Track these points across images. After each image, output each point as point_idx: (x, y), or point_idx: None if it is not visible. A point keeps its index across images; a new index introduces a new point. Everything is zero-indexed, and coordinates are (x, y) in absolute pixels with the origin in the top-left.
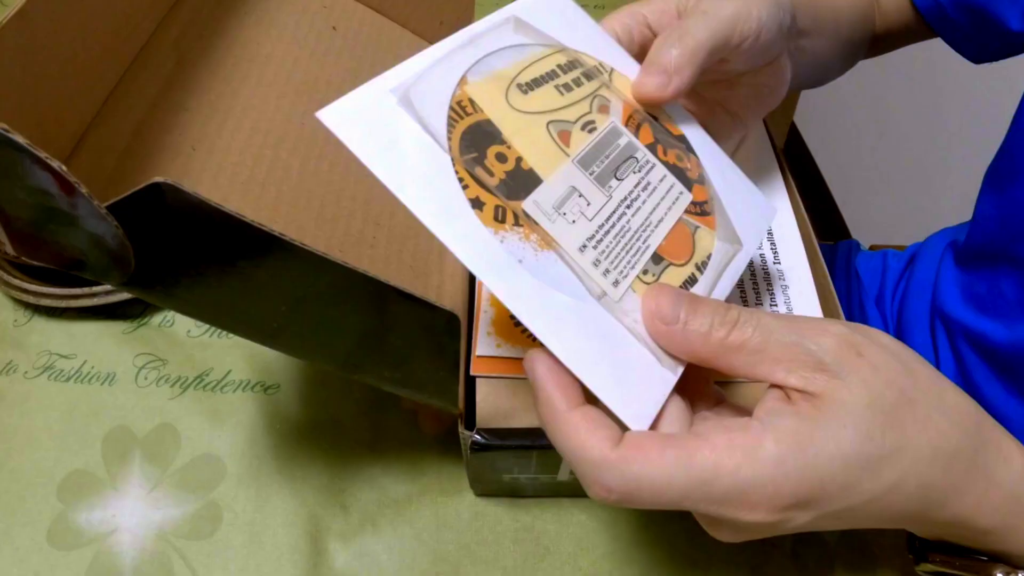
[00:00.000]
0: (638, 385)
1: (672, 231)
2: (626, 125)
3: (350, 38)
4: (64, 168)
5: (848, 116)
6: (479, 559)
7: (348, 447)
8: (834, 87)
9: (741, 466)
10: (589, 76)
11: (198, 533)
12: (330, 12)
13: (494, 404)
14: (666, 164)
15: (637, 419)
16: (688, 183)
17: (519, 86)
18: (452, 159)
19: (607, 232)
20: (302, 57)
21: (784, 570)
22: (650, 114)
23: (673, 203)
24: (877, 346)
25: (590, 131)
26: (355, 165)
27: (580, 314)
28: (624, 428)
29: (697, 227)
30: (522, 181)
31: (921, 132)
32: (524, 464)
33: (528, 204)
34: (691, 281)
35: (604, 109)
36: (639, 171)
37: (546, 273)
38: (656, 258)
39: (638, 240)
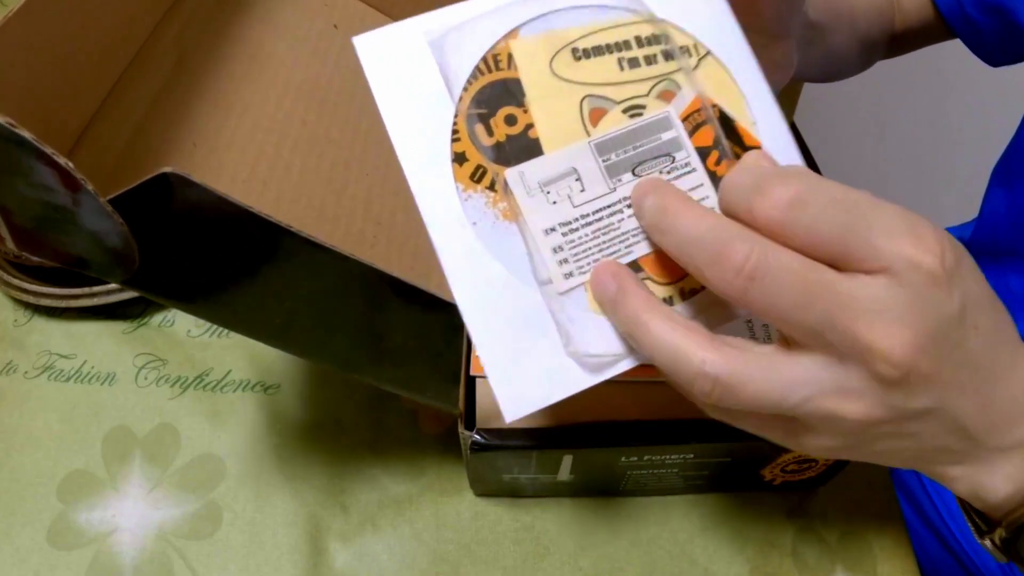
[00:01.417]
0: (532, 378)
1: None
2: (685, 120)
3: (352, 36)
4: (70, 164)
5: (848, 116)
6: (479, 559)
7: (348, 447)
8: (834, 87)
9: (879, 295)
10: (669, 56)
11: (198, 533)
12: (331, 10)
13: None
14: (712, 175)
15: (512, 406)
16: None
17: (574, 51)
18: (456, 111)
19: (587, 224)
20: (303, 55)
21: (784, 570)
22: (727, 115)
23: None
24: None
25: (632, 116)
26: (356, 163)
27: (509, 290)
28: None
29: None
30: (520, 148)
31: (922, 132)
32: (524, 464)
33: (511, 173)
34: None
35: (666, 96)
36: (668, 173)
37: (497, 242)
38: (634, 266)
39: (621, 244)
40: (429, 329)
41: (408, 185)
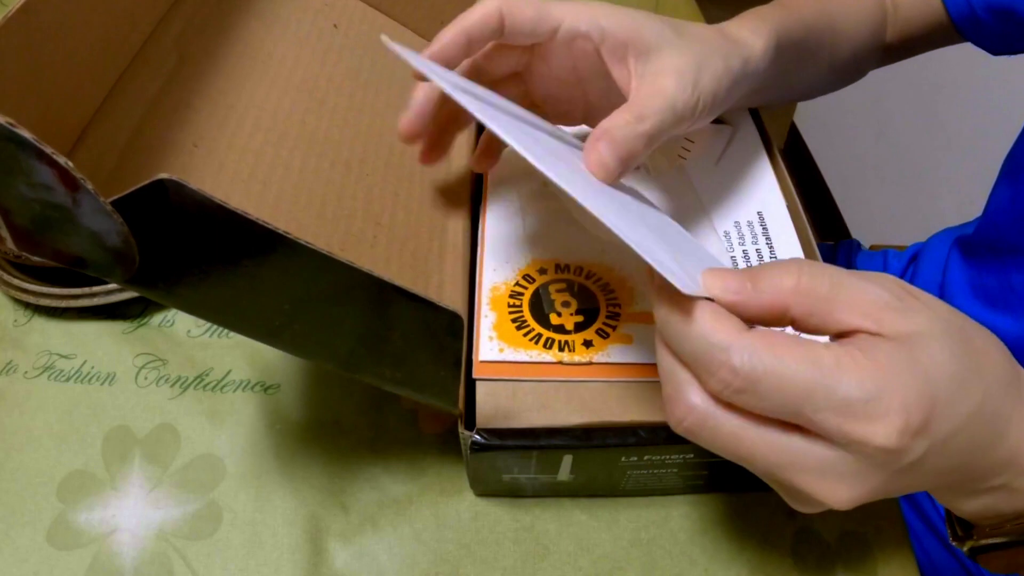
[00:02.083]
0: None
1: None
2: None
3: (351, 36)
4: (70, 163)
5: (848, 116)
6: (479, 559)
7: (348, 447)
8: None
9: (866, 379)
10: None
11: (198, 533)
12: (331, 10)
13: (494, 404)
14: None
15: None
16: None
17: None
18: None
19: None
20: (303, 55)
21: (784, 570)
22: None
23: None
24: (921, 291)
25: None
26: (356, 163)
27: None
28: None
29: None
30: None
31: (921, 131)
32: (524, 464)
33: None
34: None
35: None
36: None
37: None
38: None
39: None
40: (430, 329)
41: (407, 188)
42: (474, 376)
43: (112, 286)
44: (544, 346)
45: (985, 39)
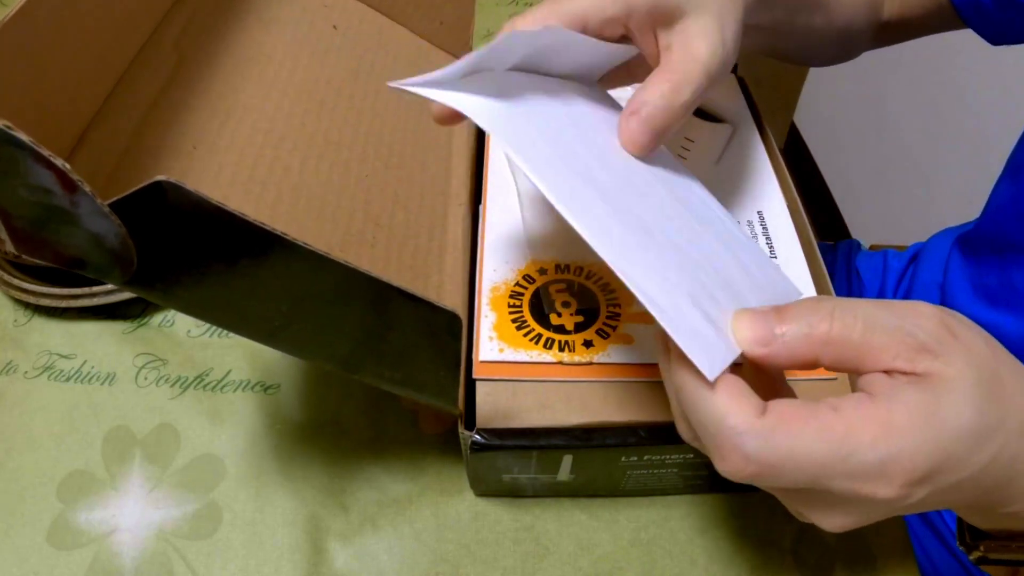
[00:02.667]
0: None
1: None
2: None
3: (351, 37)
4: (67, 166)
5: (848, 116)
6: (479, 559)
7: (348, 447)
8: (834, 87)
9: (878, 440)
10: None
11: (198, 533)
12: (330, 11)
13: (494, 404)
14: None
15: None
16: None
17: None
18: None
19: None
20: (303, 56)
21: (784, 570)
22: None
23: None
24: (965, 326)
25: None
26: (355, 164)
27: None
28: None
29: None
30: None
31: (921, 131)
32: (524, 464)
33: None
34: None
35: None
36: None
37: None
38: None
39: None
40: (429, 329)
41: (407, 189)
42: (474, 376)
43: (112, 286)
44: (544, 346)
45: (985, 25)
